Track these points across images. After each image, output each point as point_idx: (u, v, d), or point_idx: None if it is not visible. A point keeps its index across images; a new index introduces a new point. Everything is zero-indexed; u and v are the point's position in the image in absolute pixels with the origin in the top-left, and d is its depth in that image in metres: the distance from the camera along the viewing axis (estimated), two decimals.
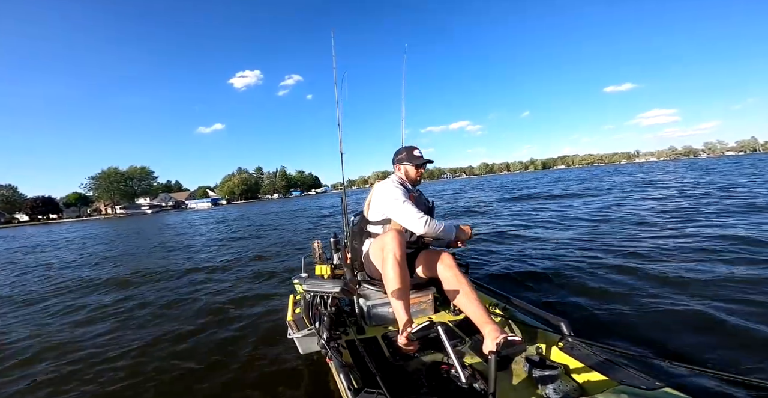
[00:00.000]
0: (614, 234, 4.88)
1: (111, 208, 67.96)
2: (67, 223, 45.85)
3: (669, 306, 2.41)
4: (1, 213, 60.92)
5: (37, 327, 3.14)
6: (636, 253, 3.78)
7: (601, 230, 5.30)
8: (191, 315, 3.06)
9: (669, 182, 13.89)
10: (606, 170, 40.90)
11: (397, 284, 1.51)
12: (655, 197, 9.15)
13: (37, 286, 5.08)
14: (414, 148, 2.03)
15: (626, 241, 4.45)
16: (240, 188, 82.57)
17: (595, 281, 3.04)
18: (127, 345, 2.53)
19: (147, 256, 7.27)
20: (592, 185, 16.04)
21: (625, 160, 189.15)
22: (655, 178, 17.00)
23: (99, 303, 3.76)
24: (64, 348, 2.61)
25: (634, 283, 2.92)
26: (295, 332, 1.68)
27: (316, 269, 2.36)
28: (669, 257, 3.54)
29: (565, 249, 4.30)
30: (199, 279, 4.53)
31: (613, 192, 11.34)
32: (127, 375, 2.09)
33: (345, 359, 1.46)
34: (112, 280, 4.93)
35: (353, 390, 1.14)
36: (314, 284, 1.42)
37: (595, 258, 3.76)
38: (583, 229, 5.66)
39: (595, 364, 1.29)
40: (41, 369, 2.30)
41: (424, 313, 1.94)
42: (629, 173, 25.70)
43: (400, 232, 1.65)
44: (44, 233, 22.02)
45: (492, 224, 7.34)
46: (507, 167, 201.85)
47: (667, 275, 3.01)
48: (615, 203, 8.46)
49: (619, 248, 4.11)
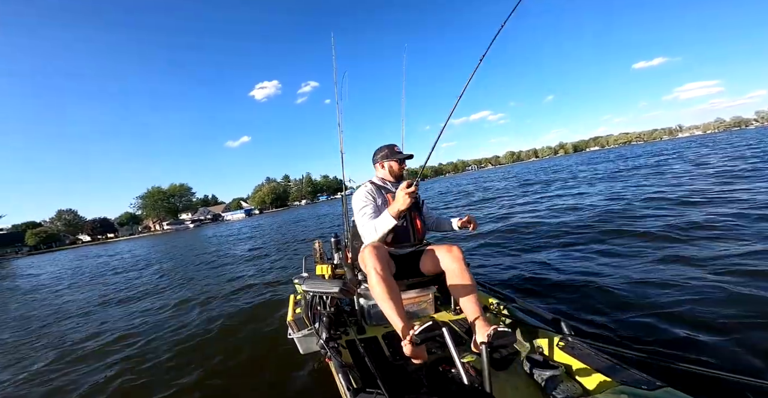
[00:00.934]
0: (618, 230, 4.44)
1: (159, 224, 73.63)
2: (123, 240, 50.47)
3: (669, 306, 2.37)
4: (66, 235, 68.08)
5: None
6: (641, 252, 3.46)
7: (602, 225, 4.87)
8: (192, 315, 3.24)
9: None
10: (643, 149, 37.25)
11: (386, 297, 1.48)
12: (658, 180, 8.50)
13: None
14: (394, 145, 2.08)
15: (632, 238, 4.03)
16: (270, 197, 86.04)
17: (597, 281, 2.94)
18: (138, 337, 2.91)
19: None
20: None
21: (667, 136, 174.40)
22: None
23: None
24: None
25: (636, 283, 2.82)
26: (295, 332, 1.68)
27: (316, 269, 2.37)
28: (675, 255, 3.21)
29: (566, 250, 4.03)
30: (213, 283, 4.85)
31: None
32: (124, 371, 2.27)
33: (345, 359, 1.46)
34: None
35: (353, 390, 1.14)
36: (314, 284, 1.41)
37: (595, 258, 3.60)
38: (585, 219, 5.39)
39: (596, 364, 1.28)
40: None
41: (424, 312, 1.93)
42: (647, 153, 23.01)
43: (376, 247, 1.63)
44: (111, 249, 23.02)
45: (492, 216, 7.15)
46: (535, 154, 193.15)
47: (669, 274, 2.83)
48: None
49: (623, 245, 3.83)
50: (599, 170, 15.49)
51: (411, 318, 1.85)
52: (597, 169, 16.89)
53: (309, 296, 1.82)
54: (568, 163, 34.38)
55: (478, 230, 2.20)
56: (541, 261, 3.76)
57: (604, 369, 1.25)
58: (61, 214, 70.72)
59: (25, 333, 4.16)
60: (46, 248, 59.63)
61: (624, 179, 10.05)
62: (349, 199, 2.84)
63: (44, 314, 5.14)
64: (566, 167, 25.86)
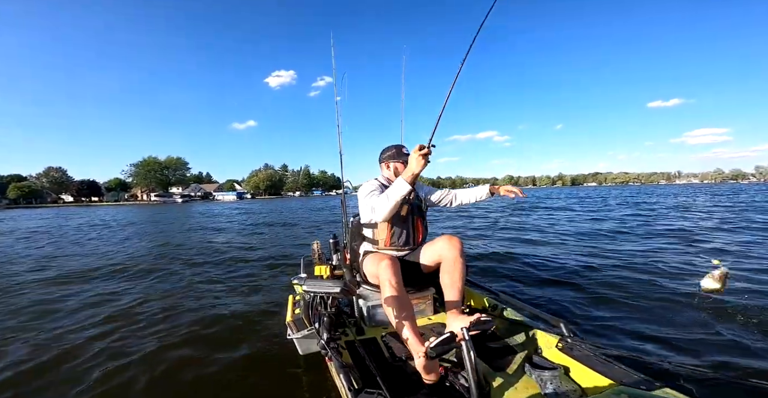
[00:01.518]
0: (609, 244, 5.07)
1: (147, 195, 72.26)
2: (106, 206, 49.29)
3: (670, 306, 2.45)
4: (48, 193, 66.37)
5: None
6: (633, 259, 3.91)
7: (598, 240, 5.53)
8: (192, 315, 2.94)
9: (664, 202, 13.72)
10: (631, 191, 39.06)
11: (400, 313, 1.46)
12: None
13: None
14: (402, 146, 2.04)
15: (622, 249, 4.68)
16: (265, 183, 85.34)
17: (595, 283, 3.09)
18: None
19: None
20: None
21: (664, 181, 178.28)
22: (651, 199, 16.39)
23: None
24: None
25: (634, 284, 2.98)
26: (295, 333, 1.67)
27: (315, 269, 2.35)
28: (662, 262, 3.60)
29: (565, 256, 4.44)
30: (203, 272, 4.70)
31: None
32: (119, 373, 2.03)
33: (344, 359, 1.46)
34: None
35: (353, 390, 1.15)
36: (313, 284, 1.41)
37: (593, 262, 3.88)
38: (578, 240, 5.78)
39: (594, 364, 1.29)
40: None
41: (423, 314, 1.94)
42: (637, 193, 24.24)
43: (392, 260, 1.61)
44: (103, 213, 23.43)
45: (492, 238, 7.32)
46: (533, 181, 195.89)
47: (667, 277, 3.07)
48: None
49: (614, 255, 4.23)
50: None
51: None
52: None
53: (308, 297, 1.83)
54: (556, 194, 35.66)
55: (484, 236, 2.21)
56: (539, 263, 3.93)
57: (603, 369, 1.26)
58: (49, 171, 69.03)
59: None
60: (26, 204, 58.01)
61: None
62: (348, 199, 2.90)
63: None
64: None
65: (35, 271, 4.82)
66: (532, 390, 1.29)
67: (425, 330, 1.77)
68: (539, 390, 1.27)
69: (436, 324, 1.84)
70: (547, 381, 1.26)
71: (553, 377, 1.27)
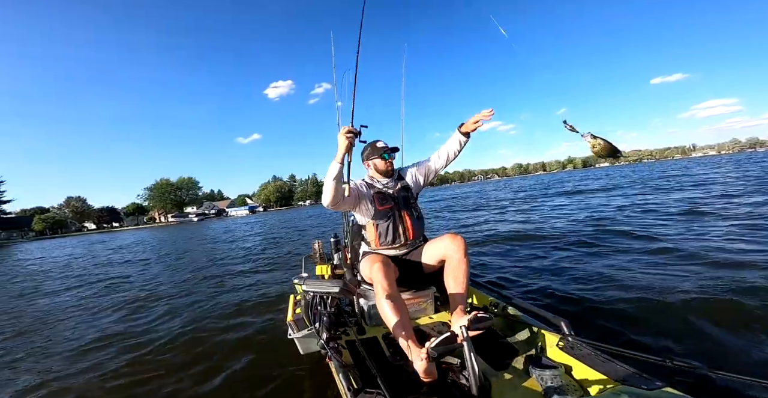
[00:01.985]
0: (615, 236, 4.76)
1: (164, 216, 74.45)
2: (128, 231, 51.09)
3: (670, 307, 2.41)
4: (73, 222, 69.11)
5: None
6: (637, 253, 3.75)
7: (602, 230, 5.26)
8: (192, 314, 3.16)
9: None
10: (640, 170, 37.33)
11: (393, 317, 1.45)
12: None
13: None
14: (377, 141, 2.01)
15: (626, 242, 4.37)
16: (275, 195, 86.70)
17: (595, 281, 3.04)
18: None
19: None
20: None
21: (679, 155, 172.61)
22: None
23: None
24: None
25: (635, 283, 2.89)
26: (296, 332, 1.68)
27: (316, 269, 2.37)
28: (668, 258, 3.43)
29: (566, 250, 4.30)
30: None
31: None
32: (130, 371, 2.19)
33: (345, 359, 1.47)
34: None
35: (353, 390, 1.15)
36: (314, 284, 1.42)
37: (595, 258, 3.77)
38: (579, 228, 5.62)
39: (595, 364, 1.28)
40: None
41: (423, 313, 1.93)
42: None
43: (385, 262, 1.61)
44: (128, 237, 24.27)
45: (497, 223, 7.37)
46: (543, 167, 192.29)
47: (670, 274, 2.93)
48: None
49: (619, 249, 4.05)
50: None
51: (411, 318, 1.89)
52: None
53: (309, 297, 1.81)
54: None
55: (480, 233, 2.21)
56: (540, 263, 3.84)
57: (604, 369, 1.24)
58: (70, 201, 71.82)
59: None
60: (52, 234, 60.57)
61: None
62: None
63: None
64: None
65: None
66: (533, 389, 1.28)
67: (426, 329, 1.77)
68: (540, 389, 1.26)
69: (437, 323, 1.82)
70: (548, 380, 1.25)
71: (554, 376, 1.25)
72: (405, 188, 1.97)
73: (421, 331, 1.74)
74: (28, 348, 2.90)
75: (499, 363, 1.45)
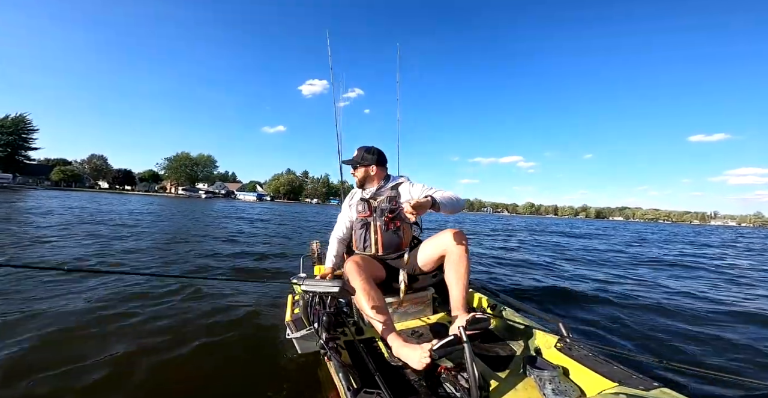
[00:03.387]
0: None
1: (175, 188, 76.04)
2: (138, 195, 52.34)
3: (669, 307, 2.50)
4: (88, 178, 71.17)
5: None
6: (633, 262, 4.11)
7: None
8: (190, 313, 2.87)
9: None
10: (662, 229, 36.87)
11: (375, 314, 1.48)
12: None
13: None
14: (359, 149, 2.00)
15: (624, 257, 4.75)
16: (285, 188, 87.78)
17: (593, 284, 3.26)
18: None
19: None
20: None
21: (698, 221, 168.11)
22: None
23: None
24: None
25: (632, 286, 3.14)
26: (294, 332, 1.67)
27: (314, 269, 2.34)
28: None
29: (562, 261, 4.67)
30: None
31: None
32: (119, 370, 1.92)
33: (344, 359, 1.47)
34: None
35: (352, 390, 1.15)
36: (313, 284, 1.41)
37: (595, 265, 4.17)
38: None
39: (593, 365, 1.29)
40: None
41: (422, 314, 1.94)
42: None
43: (359, 259, 1.65)
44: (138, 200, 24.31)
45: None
46: (555, 211, 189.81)
47: (663, 281, 3.28)
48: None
49: (615, 260, 4.41)
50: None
51: (407, 319, 1.91)
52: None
53: (308, 297, 1.81)
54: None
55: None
56: (540, 267, 4.34)
57: (601, 369, 1.26)
58: (92, 158, 74.30)
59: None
60: (66, 186, 62.45)
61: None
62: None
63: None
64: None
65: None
66: (531, 390, 1.29)
67: (425, 329, 1.79)
68: (538, 391, 1.27)
69: (436, 323, 1.83)
70: (546, 382, 1.26)
71: (552, 377, 1.27)
72: (391, 199, 1.90)
73: (419, 333, 1.75)
74: None
75: (497, 365, 1.46)
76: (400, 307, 1.88)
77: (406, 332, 1.75)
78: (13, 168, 50.61)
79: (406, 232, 1.94)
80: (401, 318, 1.89)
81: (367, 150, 1.97)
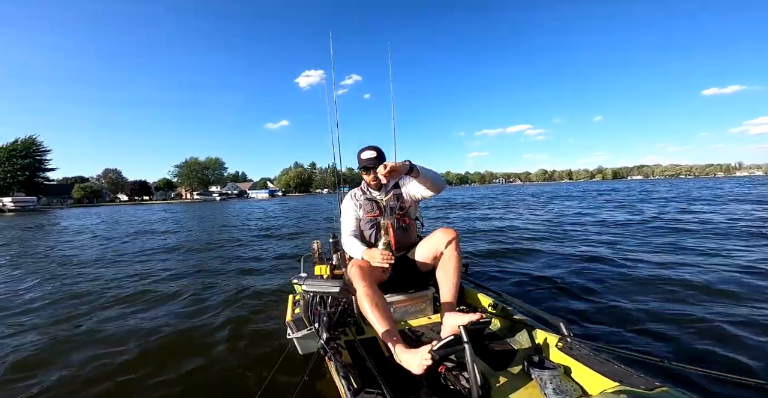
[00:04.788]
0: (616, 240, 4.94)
1: (190, 193, 77.99)
2: (159, 204, 53.96)
3: (669, 308, 2.48)
4: (107, 193, 73.66)
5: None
6: (637, 258, 3.92)
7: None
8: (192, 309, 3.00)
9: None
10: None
11: (378, 320, 1.46)
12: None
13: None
14: (362, 150, 1.94)
15: (627, 246, 4.58)
16: (295, 181, 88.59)
17: (594, 282, 3.14)
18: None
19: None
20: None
21: (722, 173, 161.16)
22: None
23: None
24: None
25: (633, 285, 3.02)
26: (295, 332, 1.66)
27: (315, 269, 2.35)
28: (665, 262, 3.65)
29: (566, 252, 4.47)
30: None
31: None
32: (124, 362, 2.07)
33: (344, 359, 1.46)
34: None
35: (353, 390, 1.15)
36: (313, 284, 1.41)
37: (598, 262, 3.90)
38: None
39: (594, 364, 1.28)
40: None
41: (422, 314, 1.93)
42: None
43: (360, 267, 1.61)
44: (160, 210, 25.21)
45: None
46: (569, 175, 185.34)
47: (668, 277, 3.08)
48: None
49: (620, 252, 4.23)
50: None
51: (408, 318, 1.91)
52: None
53: (308, 297, 1.81)
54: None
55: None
56: (541, 265, 3.95)
57: (603, 369, 1.25)
58: (107, 172, 76.58)
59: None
60: (88, 203, 64.84)
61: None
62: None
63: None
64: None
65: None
66: (532, 389, 1.29)
67: (426, 329, 1.78)
68: (539, 390, 1.27)
69: (437, 323, 1.81)
70: (547, 381, 1.26)
71: (553, 377, 1.26)
72: (397, 196, 1.91)
73: (420, 332, 1.76)
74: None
75: (499, 364, 1.46)
76: (401, 306, 1.91)
77: (406, 331, 1.78)
78: (35, 190, 52.66)
79: (412, 228, 1.99)
80: (401, 318, 1.91)
81: (380, 151, 1.97)
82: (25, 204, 42.09)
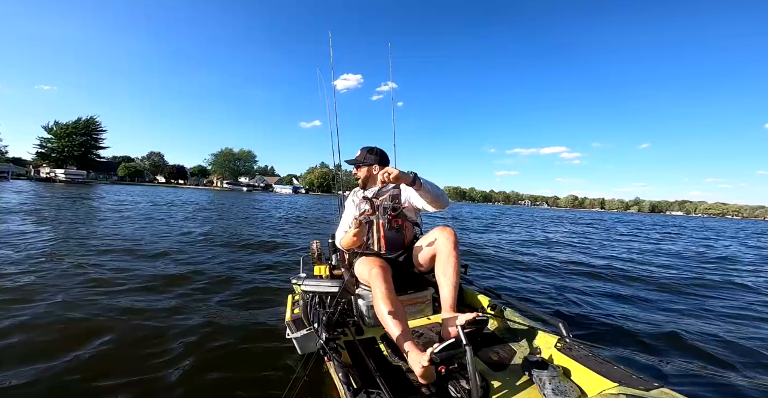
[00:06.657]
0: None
1: (220, 182, 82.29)
2: (190, 188, 57.44)
3: (668, 308, 2.51)
4: (148, 174, 79.35)
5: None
6: (634, 261, 4.01)
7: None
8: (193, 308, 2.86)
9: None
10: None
11: (394, 323, 1.42)
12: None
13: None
14: (358, 151, 1.99)
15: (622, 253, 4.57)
16: (318, 181, 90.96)
17: (595, 285, 3.19)
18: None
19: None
20: None
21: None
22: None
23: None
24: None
25: (633, 288, 3.08)
26: (294, 332, 1.66)
27: (314, 269, 2.35)
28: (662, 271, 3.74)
29: (565, 258, 4.55)
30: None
31: None
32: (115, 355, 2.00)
33: (344, 359, 1.46)
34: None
35: (352, 390, 1.15)
36: (313, 284, 1.42)
37: (594, 266, 4.02)
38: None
39: (593, 365, 1.29)
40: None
41: (422, 314, 1.93)
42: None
43: (383, 267, 1.58)
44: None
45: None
46: (601, 204, 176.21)
47: (662, 281, 3.20)
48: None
49: (614, 259, 4.24)
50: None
51: (409, 319, 1.90)
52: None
53: (308, 297, 1.82)
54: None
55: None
56: (541, 268, 4.12)
57: (602, 370, 1.26)
58: (151, 155, 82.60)
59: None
60: (130, 181, 70.20)
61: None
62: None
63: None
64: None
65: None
66: (530, 390, 1.29)
67: (425, 329, 1.78)
68: (538, 391, 1.27)
69: (436, 323, 1.82)
70: (546, 382, 1.26)
71: (552, 377, 1.26)
72: (394, 197, 1.90)
73: (419, 333, 1.76)
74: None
75: (498, 365, 1.47)
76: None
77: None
78: (86, 166, 57.86)
79: (408, 230, 1.96)
80: None
81: (370, 150, 2.03)
82: (74, 177, 46.72)
